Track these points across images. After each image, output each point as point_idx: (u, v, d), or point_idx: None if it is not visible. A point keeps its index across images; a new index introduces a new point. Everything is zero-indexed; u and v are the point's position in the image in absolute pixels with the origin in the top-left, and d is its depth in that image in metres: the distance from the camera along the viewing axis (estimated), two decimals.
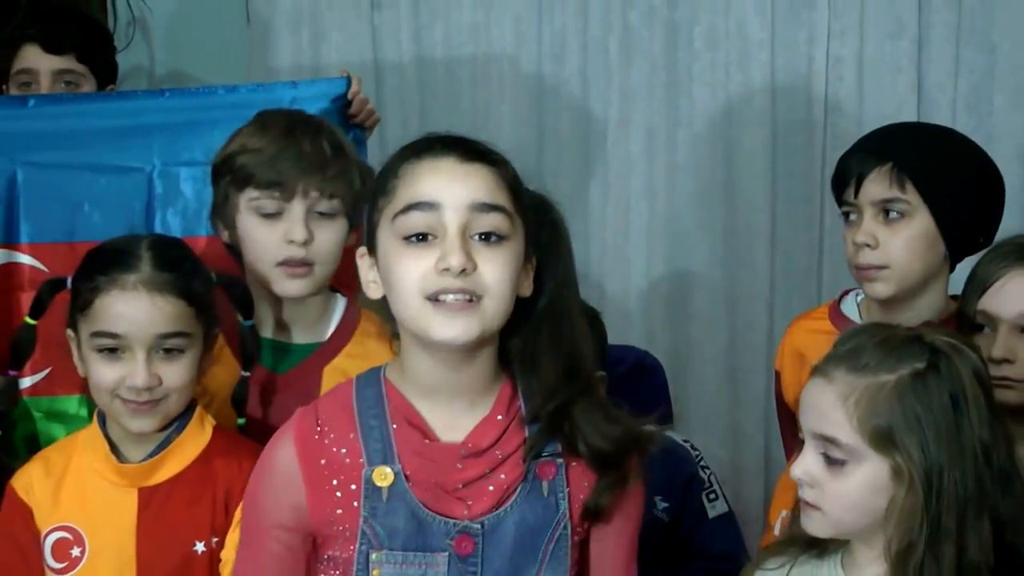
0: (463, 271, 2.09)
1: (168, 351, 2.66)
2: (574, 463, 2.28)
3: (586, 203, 4.86)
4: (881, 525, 2.29)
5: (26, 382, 2.97)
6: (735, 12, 4.80)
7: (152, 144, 3.34)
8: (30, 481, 2.76)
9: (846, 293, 3.25)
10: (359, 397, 2.29)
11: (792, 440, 3.24)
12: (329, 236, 2.99)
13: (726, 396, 4.78)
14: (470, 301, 2.12)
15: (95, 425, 2.77)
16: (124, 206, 3.33)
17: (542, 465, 2.26)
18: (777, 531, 3.12)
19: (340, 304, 3.14)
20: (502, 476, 2.24)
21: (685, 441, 3.56)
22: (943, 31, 4.67)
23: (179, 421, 2.76)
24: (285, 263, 2.94)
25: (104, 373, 2.66)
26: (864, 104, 4.71)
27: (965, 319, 2.83)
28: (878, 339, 2.34)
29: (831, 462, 2.31)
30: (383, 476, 2.20)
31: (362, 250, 2.29)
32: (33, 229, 3.38)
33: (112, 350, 2.65)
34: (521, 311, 2.24)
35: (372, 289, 2.27)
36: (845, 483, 2.30)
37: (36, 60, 3.84)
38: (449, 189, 2.13)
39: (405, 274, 2.13)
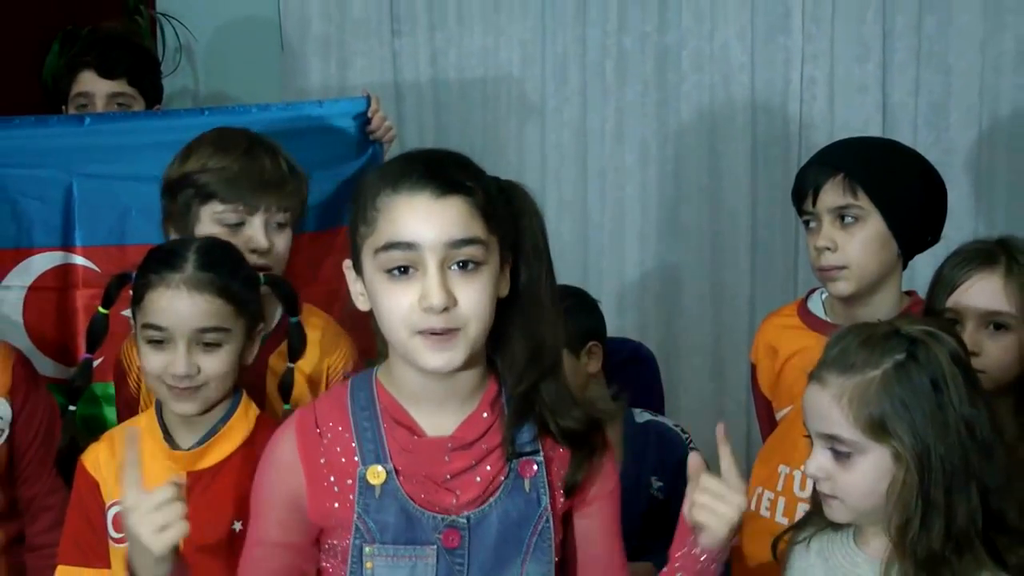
0: (444, 308, 2.03)
1: (207, 344, 2.64)
2: (553, 457, 2.23)
3: (585, 207, 4.88)
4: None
5: None
6: (719, 37, 4.83)
7: None
8: (97, 458, 2.74)
9: (812, 292, 3.25)
10: (353, 399, 2.24)
11: (767, 422, 3.30)
12: (283, 243, 3.01)
13: (711, 384, 4.81)
14: (453, 332, 2.06)
15: (152, 411, 2.76)
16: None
17: (523, 463, 2.20)
18: (752, 506, 3.14)
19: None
20: (488, 468, 2.18)
21: (676, 425, 3.55)
22: (905, 55, 4.73)
23: (227, 410, 2.74)
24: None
25: (152, 360, 2.65)
26: (835, 120, 4.74)
27: (933, 315, 2.78)
28: (861, 339, 2.33)
29: (839, 456, 2.29)
30: (376, 475, 2.16)
31: (348, 263, 2.22)
32: (86, 233, 3.40)
33: (158, 341, 2.63)
34: (500, 306, 2.17)
35: (361, 301, 2.20)
36: (854, 473, 2.29)
37: (92, 84, 3.81)
38: (426, 228, 2.06)
39: (391, 308, 2.08)
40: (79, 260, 3.41)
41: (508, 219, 2.19)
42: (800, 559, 2.45)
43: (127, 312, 2.80)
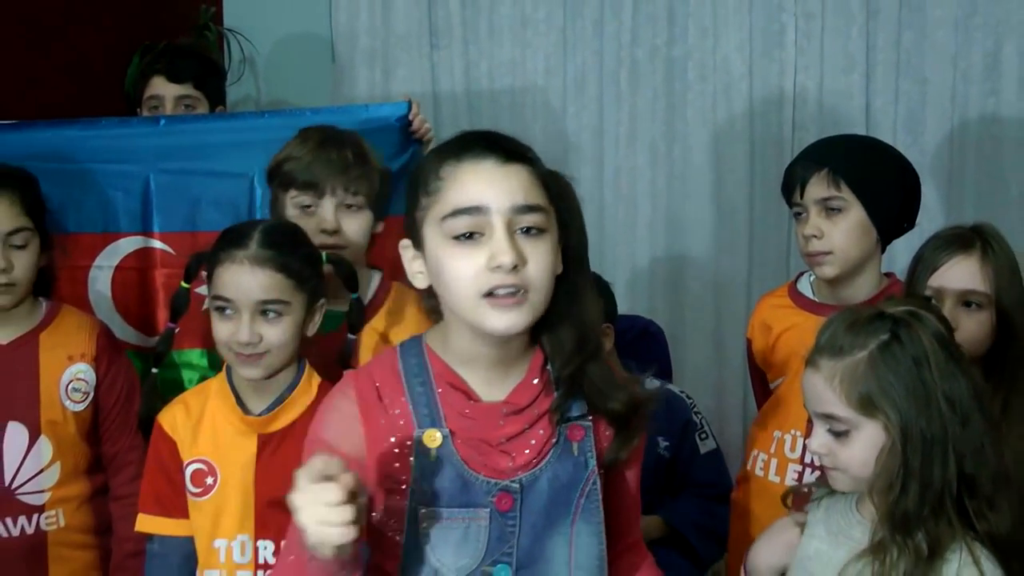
0: (514, 267, 1.90)
1: (268, 314, 2.65)
2: (599, 424, 2.12)
3: (601, 203, 4.88)
4: None
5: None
6: (721, 50, 4.83)
7: (254, 154, 3.29)
8: (174, 419, 2.75)
9: (801, 275, 3.27)
10: (405, 365, 2.09)
11: (761, 392, 3.32)
12: (355, 225, 3.00)
13: (713, 357, 4.81)
14: (520, 294, 1.93)
15: (223, 377, 2.77)
16: (232, 203, 3.36)
17: (572, 428, 2.08)
18: (750, 466, 3.17)
19: (376, 278, 3.13)
20: (540, 432, 2.06)
21: (681, 392, 3.57)
22: (886, 67, 4.72)
23: (292, 379, 2.74)
24: (320, 247, 2.92)
25: (220, 329, 2.66)
26: (823, 124, 4.71)
27: (914, 294, 2.78)
28: (848, 323, 2.32)
29: (837, 434, 2.29)
30: (432, 438, 2.02)
31: (405, 243, 2.08)
32: (163, 221, 3.42)
33: (225, 310, 2.66)
34: None
35: (419, 280, 2.05)
36: (852, 448, 2.29)
37: (163, 88, 3.85)
38: (493, 193, 1.92)
39: (459, 273, 1.94)
40: (157, 244, 3.43)
41: (558, 200, 2.06)
42: (811, 515, 2.44)
43: (201, 289, 2.84)
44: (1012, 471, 2.71)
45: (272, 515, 2.63)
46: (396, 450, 2.03)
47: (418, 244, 2.03)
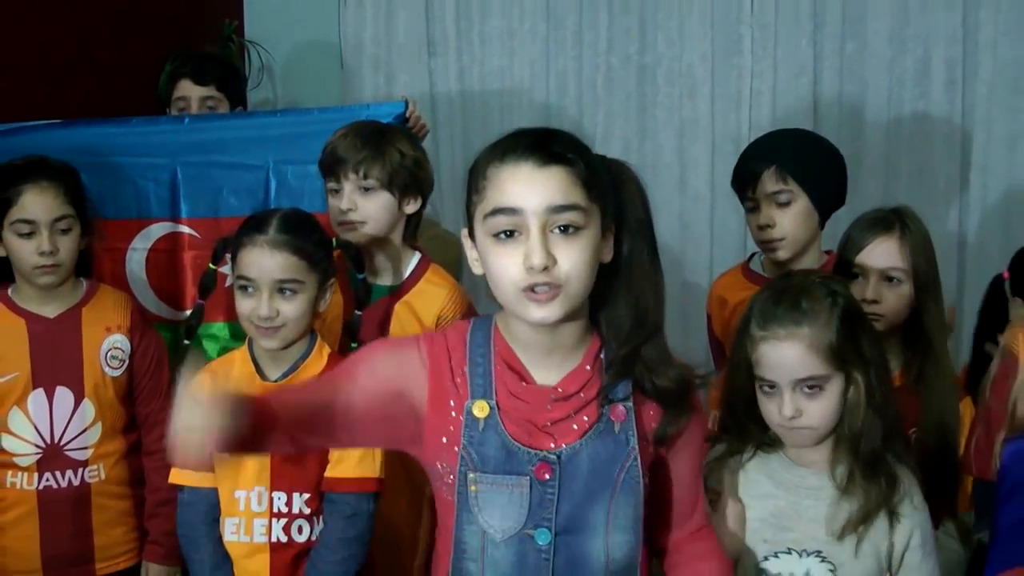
0: (545, 268, 1.85)
1: (285, 291, 2.65)
2: (643, 408, 2.03)
3: None
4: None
5: (189, 312, 3.01)
6: (686, 58, 4.84)
7: (269, 148, 3.35)
8: (202, 383, 2.76)
9: (753, 255, 3.32)
10: (472, 338, 2.04)
11: (720, 359, 3.30)
12: (371, 205, 3.00)
13: (680, 329, 4.80)
14: (555, 288, 1.87)
15: (245, 348, 2.78)
16: (251, 192, 3.36)
17: (614, 409, 1.99)
18: (711, 426, 3.19)
19: (415, 258, 3.11)
20: (585, 418, 1.99)
21: None
22: (831, 73, 4.72)
23: (304, 350, 2.74)
24: (341, 224, 2.99)
25: (242, 305, 2.67)
26: (776, 123, 4.63)
27: (843, 270, 2.83)
28: (790, 295, 2.32)
29: (810, 394, 2.28)
30: (481, 409, 1.97)
31: (464, 232, 2.02)
32: (189, 207, 3.44)
33: (247, 288, 2.67)
34: (604, 272, 1.97)
35: (476, 266, 2.00)
36: (823, 402, 2.30)
37: (188, 90, 3.87)
38: (529, 195, 1.87)
39: (500, 270, 1.90)
40: (184, 228, 3.45)
41: (611, 192, 1.98)
42: (743, 477, 2.41)
43: (224, 268, 2.87)
44: (930, 424, 2.80)
45: (285, 469, 2.67)
46: (452, 413, 2.00)
47: (472, 236, 1.99)
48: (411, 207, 3.08)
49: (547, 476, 1.97)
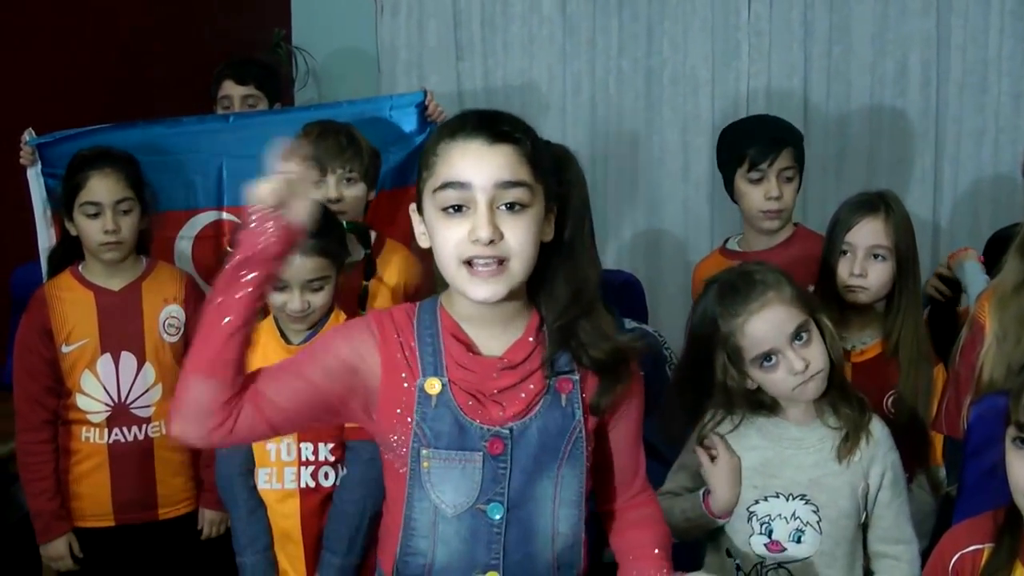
0: (491, 241, 1.75)
1: (313, 288, 2.67)
2: (586, 379, 1.92)
3: (593, 182, 4.78)
4: None
5: None
6: (690, 61, 4.83)
7: None
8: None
9: (728, 238, 3.40)
10: (419, 318, 1.92)
11: None
12: (352, 193, 3.05)
13: (682, 305, 4.76)
14: (499, 264, 1.78)
15: (271, 319, 2.78)
16: None
17: (561, 381, 1.89)
18: None
19: (372, 235, 3.13)
20: (531, 386, 1.88)
21: (654, 331, 3.58)
22: (819, 74, 4.72)
23: (323, 319, 2.75)
24: None
25: (275, 299, 2.64)
26: None
27: (832, 248, 2.85)
28: (738, 280, 2.37)
29: (803, 342, 2.32)
30: (432, 386, 1.85)
31: (412, 206, 1.92)
32: (232, 197, 3.45)
33: (280, 287, 2.64)
34: (543, 251, 1.86)
35: (422, 240, 1.89)
36: (816, 343, 2.34)
37: (231, 89, 3.91)
38: (478, 170, 1.77)
39: (444, 241, 1.80)
40: (226, 216, 3.49)
41: (555, 174, 1.89)
42: (736, 443, 2.41)
43: None
44: (907, 389, 2.81)
45: None
46: (405, 385, 1.87)
47: (420, 211, 1.89)
48: (371, 194, 3.15)
49: (499, 451, 1.87)
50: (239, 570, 2.77)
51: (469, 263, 1.78)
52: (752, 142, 3.20)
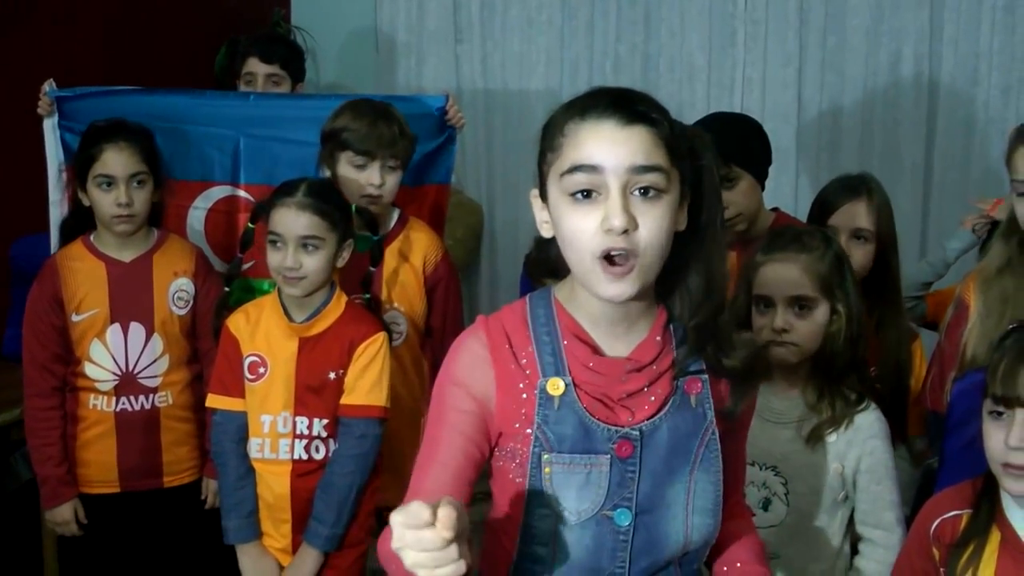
0: (625, 231, 1.58)
1: (307, 247, 2.72)
2: (716, 380, 1.78)
3: None
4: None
5: (245, 266, 3.00)
6: (686, 48, 4.95)
7: (320, 127, 3.24)
8: (238, 322, 2.83)
9: None
10: (533, 315, 1.77)
11: None
12: (393, 181, 3.09)
13: None
14: (630, 259, 1.60)
15: (276, 294, 2.84)
16: (301, 166, 3.26)
17: (689, 381, 1.75)
18: None
19: (396, 213, 3.23)
20: (659, 390, 1.73)
21: None
22: (814, 63, 4.83)
23: (325, 297, 2.81)
24: (365, 196, 3.05)
25: (272, 258, 2.72)
26: (765, 107, 4.83)
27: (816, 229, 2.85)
28: (793, 232, 2.50)
29: (800, 312, 2.40)
30: (556, 386, 1.70)
31: (534, 192, 1.75)
32: (248, 174, 3.49)
33: (276, 243, 2.72)
34: (676, 241, 1.69)
35: (545, 229, 1.74)
36: (811, 323, 2.41)
37: (255, 67, 3.94)
38: (610, 153, 1.60)
39: (575, 231, 1.63)
40: (242, 193, 3.50)
41: (688, 159, 1.72)
42: None
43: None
44: (888, 364, 2.90)
45: (307, 397, 2.78)
46: (524, 395, 1.73)
47: (544, 196, 1.72)
48: (402, 175, 3.20)
49: (628, 453, 1.72)
50: (223, 533, 2.84)
51: (608, 258, 1.62)
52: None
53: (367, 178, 3.07)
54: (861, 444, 2.44)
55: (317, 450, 2.79)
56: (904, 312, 2.98)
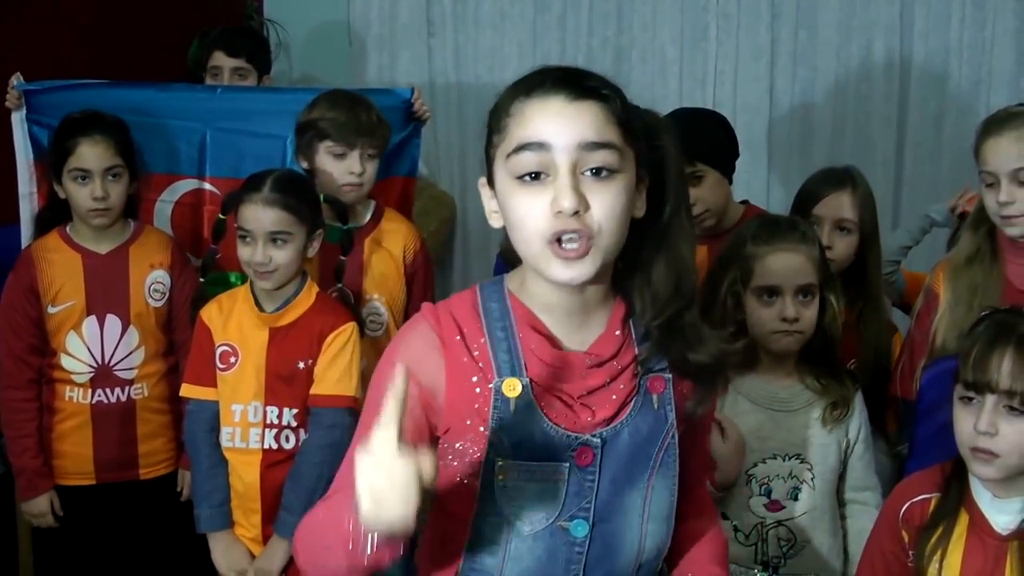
0: (575, 212, 1.49)
1: (276, 241, 2.77)
2: (678, 379, 1.69)
3: None
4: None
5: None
6: (658, 41, 4.96)
7: (288, 121, 3.29)
8: (211, 313, 2.88)
9: None
10: (486, 308, 1.66)
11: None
12: (372, 168, 3.14)
13: None
14: (584, 240, 1.51)
15: (247, 287, 2.89)
16: (268, 159, 3.32)
17: (652, 380, 1.66)
18: None
19: (372, 204, 3.27)
20: (621, 386, 1.65)
21: None
22: (785, 58, 4.85)
23: (296, 288, 2.85)
24: (346, 185, 3.11)
25: (242, 252, 2.80)
26: (737, 100, 4.86)
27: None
28: (786, 221, 2.58)
29: (803, 300, 2.46)
30: (512, 388, 1.59)
31: (482, 180, 1.66)
32: (213, 167, 3.51)
33: (245, 238, 2.78)
34: (634, 229, 1.60)
35: (494, 219, 1.65)
36: (813, 311, 2.47)
37: (221, 60, 3.95)
38: (558, 129, 1.51)
39: (523, 215, 1.54)
40: (207, 186, 3.52)
41: (645, 140, 1.62)
42: (730, 412, 2.50)
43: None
44: (868, 355, 2.97)
45: (277, 387, 2.83)
46: (477, 389, 1.62)
47: (491, 183, 1.63)
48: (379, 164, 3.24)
49: (588, 462, 1.63)
50: (195, 521, 2.88)
51: (558, 241, 1.53)
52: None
53: (347, 167, 3.11)
54: (858, 415, 2.56)
55: (287, 439, 2.84)
56: (884, 308, 3.03)
